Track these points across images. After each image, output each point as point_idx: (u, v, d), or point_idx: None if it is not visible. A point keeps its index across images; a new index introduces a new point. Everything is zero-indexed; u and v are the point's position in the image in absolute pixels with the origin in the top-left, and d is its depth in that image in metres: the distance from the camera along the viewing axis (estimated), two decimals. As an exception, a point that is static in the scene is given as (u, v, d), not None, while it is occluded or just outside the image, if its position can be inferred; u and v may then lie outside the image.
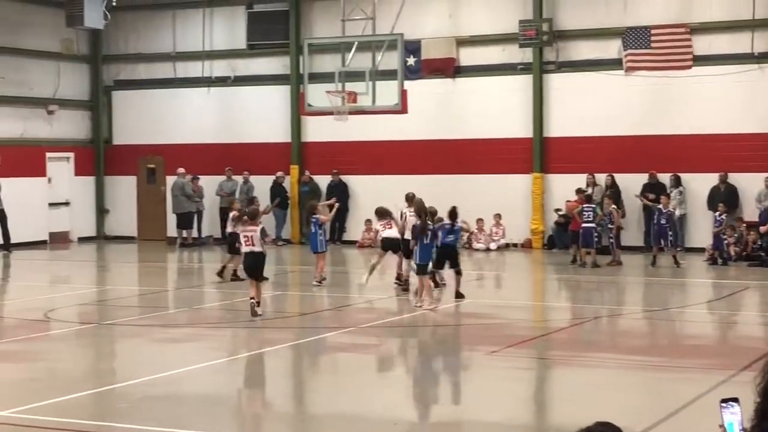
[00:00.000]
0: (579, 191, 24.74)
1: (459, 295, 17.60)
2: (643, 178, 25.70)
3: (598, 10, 26.55)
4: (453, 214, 17.79)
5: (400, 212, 18.85)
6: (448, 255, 17.82)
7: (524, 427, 9.89)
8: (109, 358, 13.94)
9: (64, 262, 27.20)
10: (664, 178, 25.55)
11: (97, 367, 13.16)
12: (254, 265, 16.24)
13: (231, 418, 10.09)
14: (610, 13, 26.42)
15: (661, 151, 25.75)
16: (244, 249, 16.39)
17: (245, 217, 16.93)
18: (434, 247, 17.25)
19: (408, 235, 17.89)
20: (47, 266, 26.40)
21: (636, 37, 25.97)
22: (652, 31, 25.82)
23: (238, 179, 29.40)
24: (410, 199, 18.57)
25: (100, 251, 29.34)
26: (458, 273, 17.75)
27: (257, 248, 16.18)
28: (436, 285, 18.01)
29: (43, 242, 30.07)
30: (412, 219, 17.72)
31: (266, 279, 17.48)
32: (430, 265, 17.29)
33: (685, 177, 25.46)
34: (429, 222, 17.14)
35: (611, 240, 23.46)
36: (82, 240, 31.27)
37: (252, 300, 15.90)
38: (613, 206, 23.60)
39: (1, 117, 29.37)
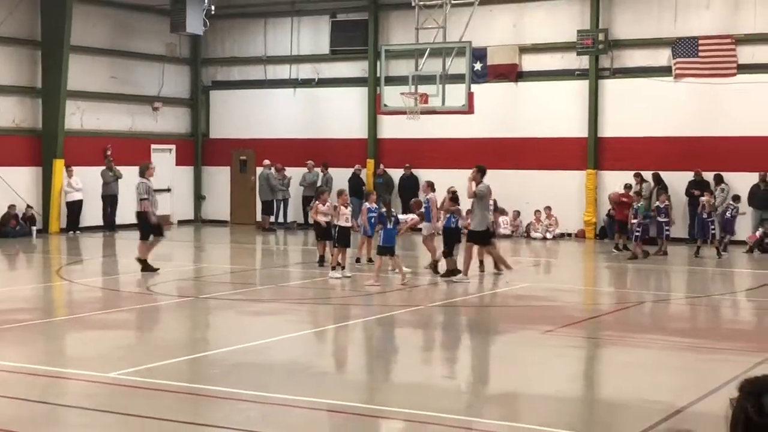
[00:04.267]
0: (627, 186, 24.47)
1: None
2: (688, 176, 25.36)
3: (650, 21, 26.21)
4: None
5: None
6: None
7: (575, 400, 9.83)
8: (204, 328, 14.11)
9: (166, 242, 27.48)
10: (709, 176, 25.17)
11: (193, 336, 13.33)
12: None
13: (312, 385, 10.17)
14: (661, 25, 26.07)
15: (706, 151, 25.38)
16: (343, 223, 18.35)
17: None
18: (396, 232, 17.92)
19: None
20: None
21: (685, 46, 25.58)
22: (700, 42, 25.42)
23: (318, 171, 29.58)
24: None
25: (197, 233, 29.71)
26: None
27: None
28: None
29: (147, 224, 30.50)
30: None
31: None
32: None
33: (727, 175, 25.03)
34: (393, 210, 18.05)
35: (667, 232, 22.94)
36: (182, 223, 31.70)
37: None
38: (666, 203, 23.13)
39: (113, 112, 29.87)
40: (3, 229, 26.07)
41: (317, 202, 19.31)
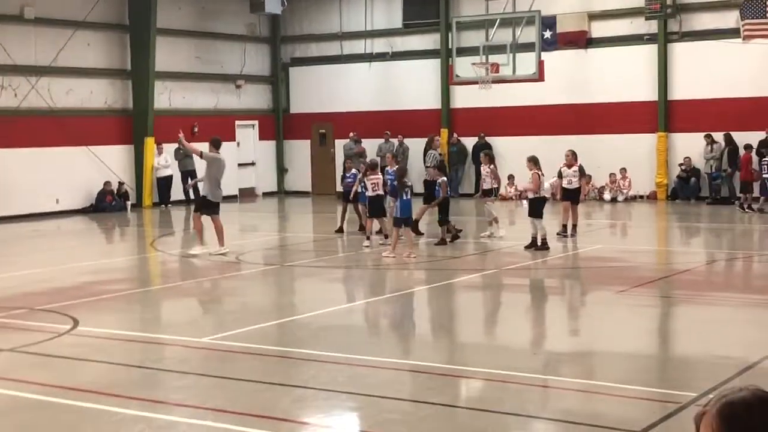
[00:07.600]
0: (748, 147, 23.85)
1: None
2: (759, 135, 24.77)
3: (718, -16, 25.57)
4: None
5: (558, 170, 18.80)
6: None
7: (649, 357, 9.74)
8: (290, 294, 14.28)
9: (251, 213, 27.92)
10: (780, 135, 24.57)
11: (280, 302, 13.50)
12: (380, 206, 17.69)
13: (394, 346, 10.25)
14: (729, -13, 25.40)
15: (777, 110, 24.76)
16: (370, 193, 17.54)
17: (369, 168, 17.93)
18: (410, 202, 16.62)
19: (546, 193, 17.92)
20: (237, 217, 27.09)
21: (752, 7, 24.86)
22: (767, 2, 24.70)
23: (395, 141, 29.58)
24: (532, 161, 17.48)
25: (280, 204, 30.01)
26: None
27: (381, 191, 17.59)
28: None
29: (234, 197, 30.92)
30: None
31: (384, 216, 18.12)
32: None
33: (798, 134, 24.39)
34: (406, 181, 16.78)
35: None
36: (266, 195, 32.05)
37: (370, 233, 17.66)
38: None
39: (198, 91, 30.24)
40: (100, 204, 26.69)
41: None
